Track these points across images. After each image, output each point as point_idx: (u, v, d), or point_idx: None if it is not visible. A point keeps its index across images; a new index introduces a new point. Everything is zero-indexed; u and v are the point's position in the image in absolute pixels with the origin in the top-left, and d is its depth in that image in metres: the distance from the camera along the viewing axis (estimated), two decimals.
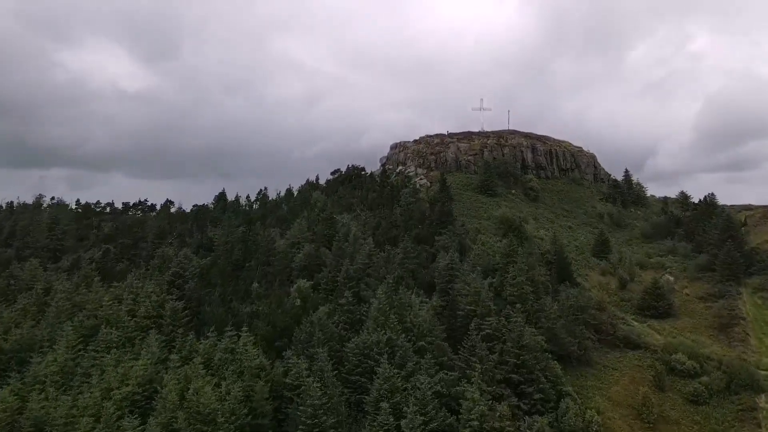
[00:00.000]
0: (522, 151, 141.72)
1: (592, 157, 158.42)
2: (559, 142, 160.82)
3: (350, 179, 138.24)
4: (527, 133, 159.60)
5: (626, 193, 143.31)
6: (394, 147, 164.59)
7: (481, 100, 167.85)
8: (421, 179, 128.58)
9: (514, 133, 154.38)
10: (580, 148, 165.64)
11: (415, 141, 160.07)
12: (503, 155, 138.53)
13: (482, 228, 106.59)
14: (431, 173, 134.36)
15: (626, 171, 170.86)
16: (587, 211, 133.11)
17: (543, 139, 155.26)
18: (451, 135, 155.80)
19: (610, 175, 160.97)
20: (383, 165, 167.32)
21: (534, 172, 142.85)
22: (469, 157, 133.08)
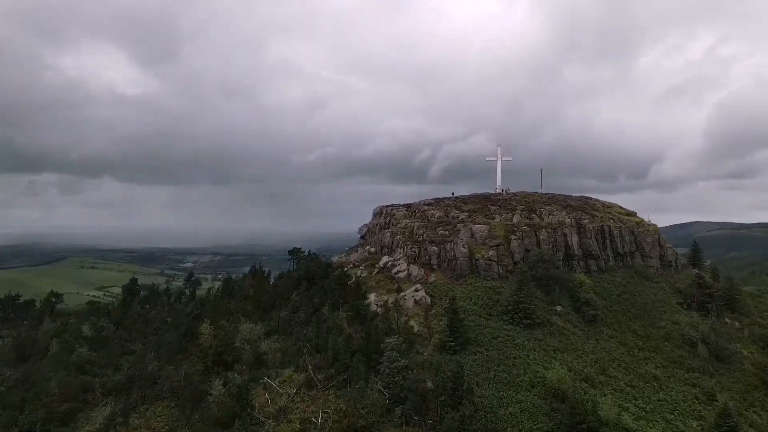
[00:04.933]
0: (565, 234, 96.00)
1: (655, 230, 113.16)
2: (608, 210, 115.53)
3: (310, 280, 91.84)
4: (564, 197, 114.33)
5: (715, 292, 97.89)
6: (378, 214, 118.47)
7: (498, 147, 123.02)
8: (416, 291, 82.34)
9: (550, 199, 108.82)
10: (634, 215, 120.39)
11: (407, 208, 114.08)
12: (538, 243, 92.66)
13: (525, 411, 60.90)
14: (432, 274, 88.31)
15: (695, 243, 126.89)
16: (669, 331, 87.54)
17: (588, 208, 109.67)
18: (458, 202, 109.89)
19: (677, 255, 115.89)
20: (363, 237, 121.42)
21: (582, 262, 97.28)
22: (489, 252, 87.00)
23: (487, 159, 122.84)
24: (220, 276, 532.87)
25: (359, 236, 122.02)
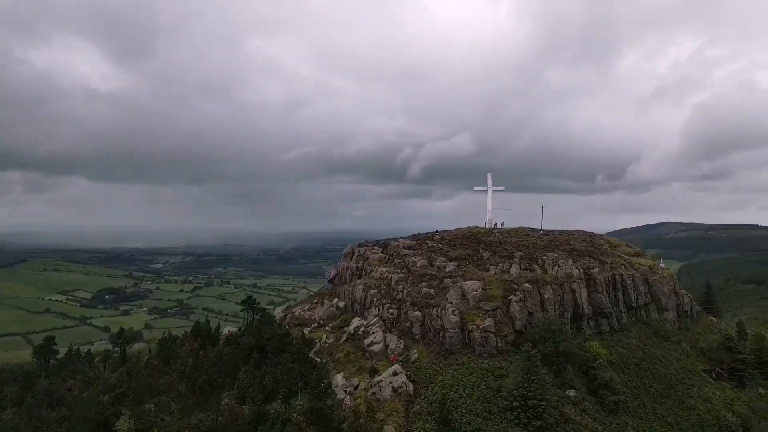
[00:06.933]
0: (573, 291, 79.69)
1: (670, 276, 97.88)
2: (615, 250, 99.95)
3: (263, 350, 73.77)
4: (566, 237, 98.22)
5: (747, 357, 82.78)
6: (348, 255, 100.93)
7: (489, 175, 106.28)
8: (395, 375, 64.93)
9: (551, 242, 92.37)
10: (643, 255, 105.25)
11: (383, 249, 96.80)
12: (543, 303, 76.08)
13: None
14: (414, 347, 70.98)
15: (708, 286, 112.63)
16: (701, 414, 71.95)
17: (595, 251, 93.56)
18: (443, 245, 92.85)
19: (692, 302, 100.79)
20: (331, 281, 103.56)
21: (592, 322, 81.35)
22: (486, 320, 70.08)
23: (476, 189, 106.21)
24: (191, 278, 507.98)
25: (327, 280, 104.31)
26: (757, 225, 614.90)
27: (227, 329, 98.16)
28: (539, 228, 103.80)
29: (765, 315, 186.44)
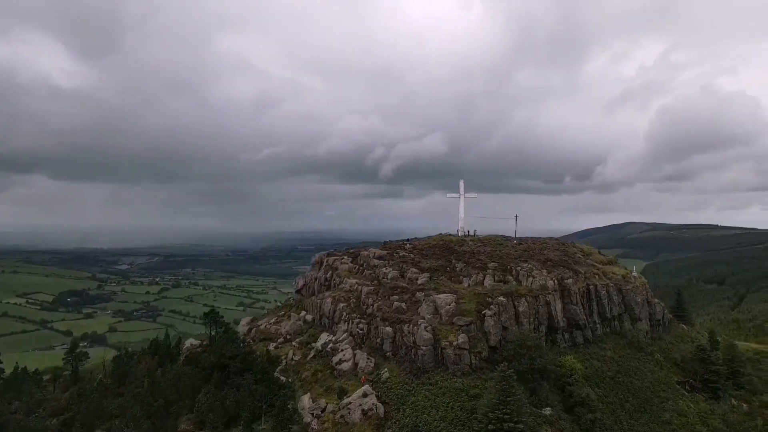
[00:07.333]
0: (548, 303, 77.69)
1: (644, 285, 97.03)
2: (588, 259, 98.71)
3: (224, 370, 69.46)
4: (540, 246, 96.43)
5: (721, 368, 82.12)
6: (316, 264, 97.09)
7: (461, 182, 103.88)
8: (365, 396, 61.59)
9: (525, 252, 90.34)
10: (615, 262, 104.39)
11: (353, 258, 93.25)
12: (517, 317, 73.84)
13: None
14: (385, 364, 67.76)
15: (679, 293, 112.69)
16: (676, 430, 70.83)
17: (569, 261, 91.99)
18: (415, 255, 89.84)
19: (664, 310, 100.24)
20: (299, 291, 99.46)
21: (566, 334, 79.55)
22: (459, 337, 67.29)
23: (448, 196, 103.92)
24: (158, 279, 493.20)
25: (294, 290, 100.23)
26: (717, 225, 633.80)
27: (189, 341, 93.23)
28: (512, 236, 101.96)
29: (727, 315, 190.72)
